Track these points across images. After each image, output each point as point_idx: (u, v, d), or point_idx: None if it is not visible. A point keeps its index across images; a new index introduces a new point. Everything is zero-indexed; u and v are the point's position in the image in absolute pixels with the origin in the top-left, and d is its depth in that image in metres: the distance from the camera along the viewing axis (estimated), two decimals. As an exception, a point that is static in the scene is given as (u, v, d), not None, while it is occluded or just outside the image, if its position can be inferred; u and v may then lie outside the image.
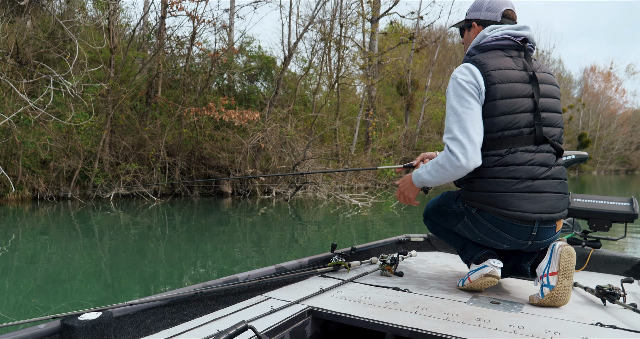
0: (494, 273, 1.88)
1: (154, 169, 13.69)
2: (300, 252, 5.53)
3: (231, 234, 6.88)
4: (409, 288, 2.01)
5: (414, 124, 23.99)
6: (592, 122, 56.26)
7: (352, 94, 20.90)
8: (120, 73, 13.69)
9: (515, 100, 1.82)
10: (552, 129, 1.88)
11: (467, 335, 1.45)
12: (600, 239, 2.58)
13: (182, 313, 1.59)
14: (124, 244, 5.96)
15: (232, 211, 9.97)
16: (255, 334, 1.37)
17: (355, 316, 1.62)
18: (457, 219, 2.00)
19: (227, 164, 14.48)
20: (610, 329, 1.55)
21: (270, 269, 2.00)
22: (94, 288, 4.01)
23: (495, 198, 1.82)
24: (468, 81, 1.83)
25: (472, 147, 1.77)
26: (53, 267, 4.75)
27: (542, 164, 1.83)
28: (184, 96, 14.69)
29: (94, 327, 1.28)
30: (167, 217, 8.81)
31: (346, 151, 18.45)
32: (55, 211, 9.67)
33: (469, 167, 1.78)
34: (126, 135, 13.94)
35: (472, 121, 1.79)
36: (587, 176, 45.21)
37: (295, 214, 9.72)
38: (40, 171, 12.00)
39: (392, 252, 2.79)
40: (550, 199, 1.83)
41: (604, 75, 61.86)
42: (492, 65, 1.84)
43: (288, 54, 15.90)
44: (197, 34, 14.53)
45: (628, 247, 6.16)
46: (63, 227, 7.43)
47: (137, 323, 1.44)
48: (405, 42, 20.90)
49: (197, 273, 4.58)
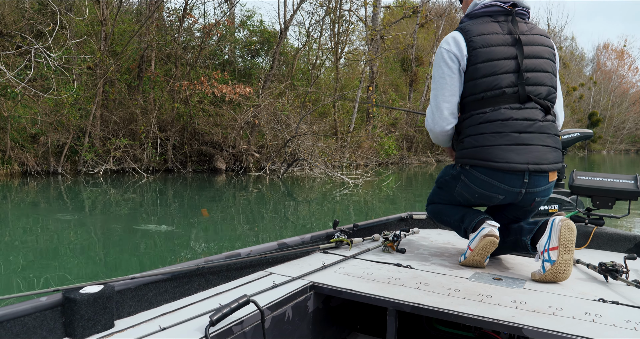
0: (492, 232, 1.99)
1: (144, 145, 13.70)
2: (295, 232, 5.60)
3: (225, 211, 6.94)
4: (411, 264, 2.06)
5: (417, 101, 23.91)
6: (604, 101, 56.15)
7: (355, 70, 20.78)
8: (109, 46, 13.58)
9: (496, 62, 1.99)
10: (538, 88, 2.02)
11: (469, 310, 1.49)
12: (604, 217, 2.63)
13: (185, 288, 1.62)
14: (115, 220, 6.02)
15: (225, 188, 10.02)
16: (257, 308, 1.42)
17: (357, 291, 1.66)
18: (455, 182, 2.16)
19: (220, 140, 14.49)
20: (613, 305, 1.59)
21: (273, 245, 2.04)
22: (90, 262, 4.08)
23: (483, 152, 1.99)
24: (448, 50, 2.04)
25: (439, 113, 2.08)
26: (46, 241, 4.82)
27: (527, 118, 1.98)
28: (176, 70, 14.59)
29: (96, 300, 1.29)
30: (159, 193, 8.86)
31: (345, 128, 18.42)
32: (45, 186, 9.72)
33: (435, 129, 2.12)
34: (117, 109, 13.91)
35: (442, 89, 2.05)
36: (596, 155, 45.31)
37: (288, 192, 9.77)
38: (29, 146, 12.01)
39: (395, 230, 2.84)
40: (537, 151, 1.97)
41: (617, 53, 61.51)
42: (476, 31, 2.03)
43: (284, 28, 15.75)
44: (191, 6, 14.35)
45: (631, 225, 6.26)
46: (53, 202, 7.48)
47: (139, 297, 1.47)
48: (409, 17, 20.68)
49: (192, 248, 4.65)
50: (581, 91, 53.56)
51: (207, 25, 15.28)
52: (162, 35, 15.20)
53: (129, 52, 14.34)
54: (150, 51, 14.56)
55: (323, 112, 18.34)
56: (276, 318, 1.57)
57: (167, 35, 15.30)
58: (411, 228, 2.92)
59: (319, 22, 17.80)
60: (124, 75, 14.61)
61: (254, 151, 14.56)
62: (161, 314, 1.44)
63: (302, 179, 12.56)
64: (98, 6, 13.24)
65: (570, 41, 58.87)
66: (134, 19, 15.78)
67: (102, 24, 13.20)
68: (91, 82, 13.04)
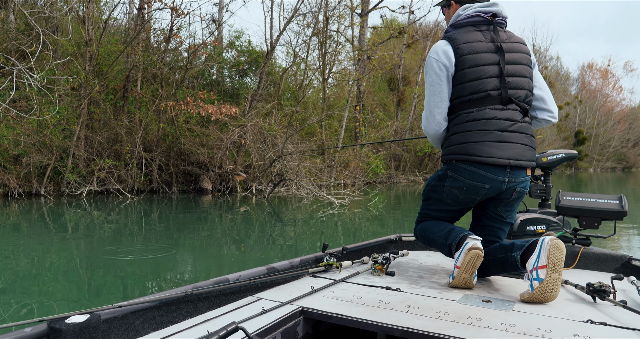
0: (476, 245, 2.06)
1: (129, 165, 13.63)
2: (282, 255, 5.58)
3: (211, 232, 6.91)
4: (400, 287, 2.08)
5: (404, 121, 24.13)
6: (589, 120, 57.03)
7: (343, 90, 20.97)
8: (94, 66, 13.59)
9: (481, 67, 2.18)
10: (518, 91, 2.22)
11: (459, 334, 1.51)
12: (590, 237, 2.68)
13: (172, 315, 1.62)
14: (99, 243, 5.96)
15: (212, 209, 9.97)
16: (246, 335, 1.41)
17: (347, 316, 1.67)
18: (442, 181, 2.32)
19: (206, 160, 14.46)
20: (601, 326, 1.61)
21: (261, 269, 2.05)
22: (73, 287, 4.03)
23: (469, 148, 2.17)
24: (437, 59, 2.23)
25: (432, 118, 2.28)
26: (27, 266, 4.75)
27: (509, 119, 2.18)
28: (161, 90, 14.62)
29: (82, 330, 1.28)
30: (144, 215, 8.79)
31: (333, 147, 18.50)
32: (27, 208, 9.59)
33: (430, 132, 2.31)
34: (101, 130, 13.86)
35: (434, 96, 2.26)
36: (583, 173, 45.82)
37: (274, 212, 9.75)
38: (11, 167, 11.89)
39: (384, 252, 2.86)
40: (517, 148, 2.18)
41: (601, 72, 62.78)
42: (462, 39, 2.22)
43: (271, 48, 15.89)
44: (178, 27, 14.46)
45: (617, 245, 6.33)
46: (35, 225, 7.39)
47: (126, 326, 1.46)
48: (396, 37, 21.00)
49: (179, 273, 4.61)
50: (567, 110, 54.42)
51: (193, 45, 15.38)
52: (148, 55, 15.26)
53: (114, 72, 14.35)
54: (136, 71, 14.59)
55: (310, 131, 18.42)
56: None
57: (153, 55, 15.36)
58: (400, 250, 2.94)
59: (306, 42, 18.01)
60: (109, 95, 14.60)
61: (240, 171, 14.54)
62: None
63: (288, 199, 12.54)
64: (84, 27, 13.29)
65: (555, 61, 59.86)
66: (121, 40, 15.83)
67: (87, 45, 13.24)
68: (75, 102, 13.01)
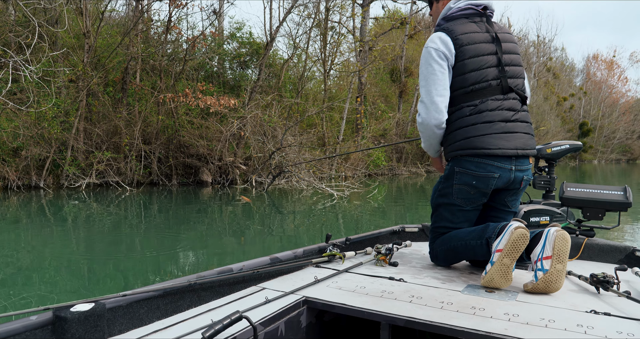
0: (521, 225, 1.92)
1: (128, 158, 13.65)
2: (282, 246, 5.60)
3: (211, 224, 6.93)
4: (403, 278, 2.09)
5: (406, 112, 24.09)
6: (594, 111, 56.91)
7: (344, 81, 20.91)
8: (92, 58, 13.57)
9: (481, 58, 2.19)
10: (516, 80, 2.26)
11: (462, 323, 1.52)
12: (594, 228, 2.69)
13: (176, 304, 1.63)
14: (99, 234, 5.99)
15: (212, 201, 10.00)
16: (250, 324, 1.43)
17: (350, 306, 1.68)
18: (450, 181, 2.27)
19: (206, 152, 14.48)
20: (604, 317, 1.62)
21: (265, 259, 2.06)
22: (75, 277, 4.06)
23: (476, 141, 2.16)
24: (436, 48, 2.20)
25: (434, 106, 2.20)
26: (28, 257, 4.78)
27: (510, 108, 2.21)
28: (160, 82, 14.60)
29: (87, 318, 1.30)
30: (143, 207, 8.82)
31: (334, 139, 18.49)
32: (26, 200, 9.63)
33: (431, 122, 2.22)
34: (100, 122, 13.87)
35: (435, 84, 2.19)
36: (587, 165, 45.79)
37: (274, 204, 9.77)
38: (10, 160, 11.92)
39: (387, 243, 2.88)
40: (522, 138, 2.21)
41: (606, 63, 62.56)
42: (459, 30, 2.21)
43: (270, 39, 15.84)
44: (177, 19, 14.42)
45: (622, 236, 6.35)
46: (34, 217, 7.42)
47: (131, 314, 1.48)
48: (397, 28, 20.91)
49: (181, 264, 4.64)
50: (572, 101, 54.31)
51: (192, 36, 15.34)
52: (147, 47, 15.22)
53: (113, 64, 14.33)
54: (134, 63, 14.57)
55: (311, 123, 18.40)
56: (269, 333, 1.58)
57: (152, 47, 15.32)
58: (403, 241, 2.95)
59: (307, 33, 17.94)
60: (108, 87, 14.59)
61: (240, 163, 14.56)
62: (153, 332, 1.45)
63: (288, 191, 12.57)
64: (82, 18, 13.25)
65: (560, 52, 59.66)
66: (120, 31, 15.78)
67: (85, 36, 13.22)
68: (74, 94, 13.00)
